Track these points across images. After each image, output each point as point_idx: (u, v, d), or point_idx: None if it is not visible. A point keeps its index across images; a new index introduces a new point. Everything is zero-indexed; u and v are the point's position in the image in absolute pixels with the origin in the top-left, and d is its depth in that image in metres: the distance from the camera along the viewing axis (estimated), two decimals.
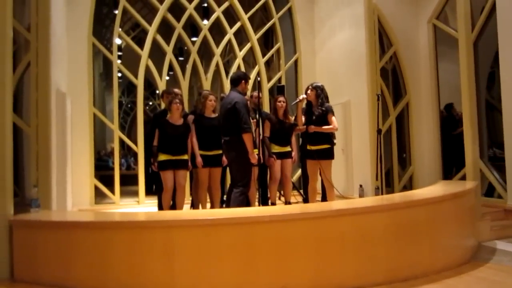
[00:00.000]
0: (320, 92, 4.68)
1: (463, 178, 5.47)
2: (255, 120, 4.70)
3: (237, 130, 4.22)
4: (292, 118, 5.34)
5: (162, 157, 4.69)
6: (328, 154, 4.70)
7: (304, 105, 4.85)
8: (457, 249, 3.67)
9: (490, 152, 5.76)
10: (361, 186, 6.20)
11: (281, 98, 5.29)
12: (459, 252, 3.67)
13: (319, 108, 4.65)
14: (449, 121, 6.46)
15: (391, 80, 6.83)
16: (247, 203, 4.57)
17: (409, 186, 6.58)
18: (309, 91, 4.73)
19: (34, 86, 3.99)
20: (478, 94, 5.29)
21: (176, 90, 5.52)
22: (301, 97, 4.79)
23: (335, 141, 4.86)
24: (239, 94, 4.37)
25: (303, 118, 4.80)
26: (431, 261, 3.36)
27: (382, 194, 4.95)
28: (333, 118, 4.66)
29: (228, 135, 4.34)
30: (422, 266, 3.29)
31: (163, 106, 5.61)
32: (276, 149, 5.21)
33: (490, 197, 5.38)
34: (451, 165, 6.33)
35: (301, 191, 6.17)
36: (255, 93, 5.00)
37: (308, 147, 4.72)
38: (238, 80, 4.44)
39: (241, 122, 4.17)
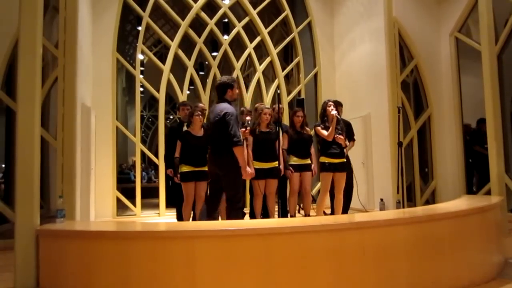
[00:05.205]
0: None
1: (488, 193, 5.35)
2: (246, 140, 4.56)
3: (227, 143, 3.91)
4: (311, 131, 5.34)
5: (185, 168, 4.70)
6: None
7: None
8: (483, 266, 3.57)
9: None
10: (382, 199, 6.11)
11: (299, 113, 5.26)
12: (484, 269, 3.56)
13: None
14: (477, 136, 6.23)
15: (412, 93, 6.77)
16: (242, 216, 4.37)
17: (431, 200, 6.46)
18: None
19: (61, 100, 4.14)
20: (502, 108, 5.20)
21: (200, 104, 5.59)
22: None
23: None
24: (228, 105, 4.01)
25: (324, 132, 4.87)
26: (455, 277, 3.27)
27: (403, 208, 4.87)
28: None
29: (217, 148, 4.02)
30: (445, 282, 3.20)
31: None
32: (295, 161, 5.18)
33: None
34: (476, 180, 6.19)
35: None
36: (276, 106, 5.02)
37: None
38: (223, 89, 4.05)
39: (231, 136, 3.86)
